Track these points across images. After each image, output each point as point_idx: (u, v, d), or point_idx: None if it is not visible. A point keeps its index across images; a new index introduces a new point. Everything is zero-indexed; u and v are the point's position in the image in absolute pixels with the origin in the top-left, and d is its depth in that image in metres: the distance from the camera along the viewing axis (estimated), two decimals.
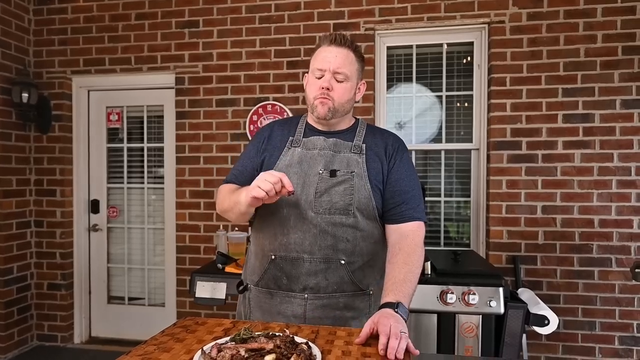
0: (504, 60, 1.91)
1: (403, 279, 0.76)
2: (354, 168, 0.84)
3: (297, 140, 0.88)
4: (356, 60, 0.86)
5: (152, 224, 2.35)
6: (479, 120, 2.02)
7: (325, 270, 0.82)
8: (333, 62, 0.83)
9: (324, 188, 0.83)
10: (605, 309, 1.83)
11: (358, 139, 0.88)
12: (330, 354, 0.62)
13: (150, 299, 2.35)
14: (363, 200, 0.82)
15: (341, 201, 0.82)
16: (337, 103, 0.84)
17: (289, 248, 0.82)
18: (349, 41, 0.85)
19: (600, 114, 1.86)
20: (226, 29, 2.14)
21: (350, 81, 0.85)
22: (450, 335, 1.44)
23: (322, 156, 0.85)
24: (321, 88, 0.83)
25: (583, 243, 1.86)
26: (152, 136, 2.34)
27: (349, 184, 0.83)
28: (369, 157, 0.86)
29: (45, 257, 2.30)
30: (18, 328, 2.21)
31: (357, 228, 0.82)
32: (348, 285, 0.83)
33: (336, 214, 0.81)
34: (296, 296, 0.83)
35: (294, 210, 0.82)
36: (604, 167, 1.85)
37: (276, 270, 0.84)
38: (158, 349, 0.63)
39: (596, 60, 1.85)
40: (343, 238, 0.81)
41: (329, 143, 0.86)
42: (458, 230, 2.11)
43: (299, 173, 0.85)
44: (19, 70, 2.21)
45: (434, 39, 2.05)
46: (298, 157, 0.86)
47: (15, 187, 2.22)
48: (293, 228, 0.82)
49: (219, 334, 0.70)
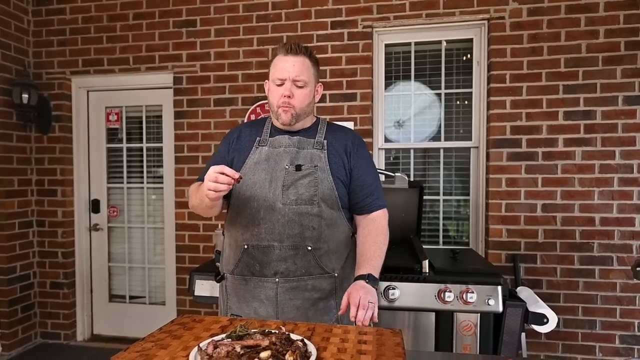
0: (504, 56, 1.89)
1: (372, 255, 0.90)
2: (317, 162, 0.93)
3: (264, 140, 0.97)
4: (312, 66, 0.94)
5: (152, 223, 2.36)
6: (478, 118, 2.01)
7: (294, 256, 0.90)
8: (292, 70, 0.90)
9: (290, 181, 0.91)
10: (606, 308, 1.82)
11: (320, 136, 0.97)
12: (325, 351, 0.62)
13: (151, 298, 2.37)
14: (326, 191, 0.92)
15: (306, 192, 0.90)
16: (298, 108, 0.93)
17: (260, 237, 0.90)
18: (303, 48, 0.93)
19: (602, 110, 1.83)
20: (223, 28, 2.14)
21: (309, 86, 0.93)
22: (448, 333, 1.43)
23: (288, 153, 0.94)
24: (283, 96, 0.91)
25: (584, 241, 1.84)
26: (151, 136, 2.35)
27: (313, 176, 0.91)
28: (330, 152, 0.95)
29: (47, 257, 2.33)
30: (22, 326, 2.25)
31: (321, 217, 0.91)
32: (315, 269, 0.91)
33: (302, 204, 0.90)
34: (268, 280, 0.91)
35: (263, 203, 0.90)
36: (605, 164, 1.83)
37: (249, 259, 0.92)
38: (155, 345, 0.64)
39: (598, 56, 1.82)
40: (309, 226, 0.90)
41: (294, 141, 0.95)
42: (457, 229, 2.10)
43: (267, 169, 0.93)
44: (19, 71, 2.22)
45: (432, 36, 2.03)
46: (265, 154, 0.94)
47: (17, 187, 2.24)
48: (263, 219, 0.90)
49: (215, 331, 0.71)
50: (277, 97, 0.92)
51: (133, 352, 0.62)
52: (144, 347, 0.63)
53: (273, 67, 0.94)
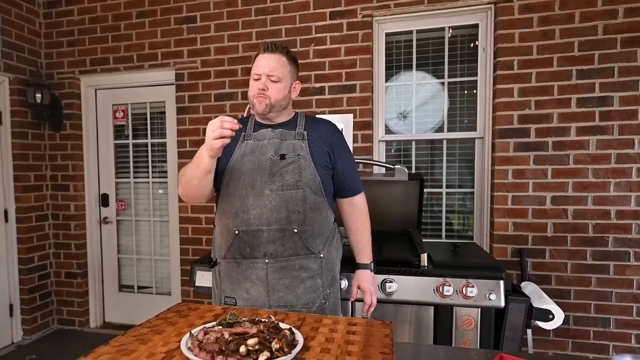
0: (512, 42, 1.79)
1: (367, 242, 1.10)
2: (299, 151, 1.00)
3: (248, 134, 1.04)
4: (288, 63, 1.01)
5: (158, 216, 2.43)
6: (483, 107, 1.92)
7: (282, 238, 0.97)
8: (267, 66, 0.98)
9: (276, 169, 0.98)
10: (621, 306, 1.72)
11: (300, 127, 1.04)
12: (313, 340, 0.63)
13: (158, 288, 2.45)
14: (309, 177, 0.99)
15: (291, 179, 0.98)
16: (273, 100, 0.99)
17: (250, 223, 0.97)
18: (280, 47, 1.01)
19: (620, 96, 1.71)
20: (223, 23, 2.15)
21: (284, 81, 1.00)
22: (447, 328, 1.40)
23: (272, 144, 1.01)
24: (258, 89, 0.99)
25: (597, 236, 1.74)
26: (156, 132, 2.40)
27: (296, 164, 0.99)
28: (311, 142, 1.02)
29: (62, 248, 2.46)
30: (41, 312, 2.39)
31: (305, 201, 0.98)
32: (302, 249, 0.99)
33: (287, 190, 0.97)
34: (259, 262, 0.97)
35: (251, 191, 0.97)
36: (623, 154, 1.71)
37: (240, 243, 0.98)
38: (151, 331, 0.68)
39: (616, 38, 1.70)
40: (294, 210, 0.97)
41: (276, 133, 1.02)
42: (463, 223, 2.03)
43: (253, 160, 0.99)
44: (32, 72, 2.33)
45: (435, 23, 1.96)
46: (251, 147, 1.01)
47: (33, 182, 2.37)
48: (252, 205, 0.97)
49: (209, 318, 0.74)
50: (254, 89, 1.00)
51: (130, 336, 0.65)
52: (141, 332, 0.67)
53: (253, 65, 1.02)
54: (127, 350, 0.60)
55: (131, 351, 0.60)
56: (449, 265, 1.42)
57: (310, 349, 0.60)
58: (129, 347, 0.61)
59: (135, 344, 0.62)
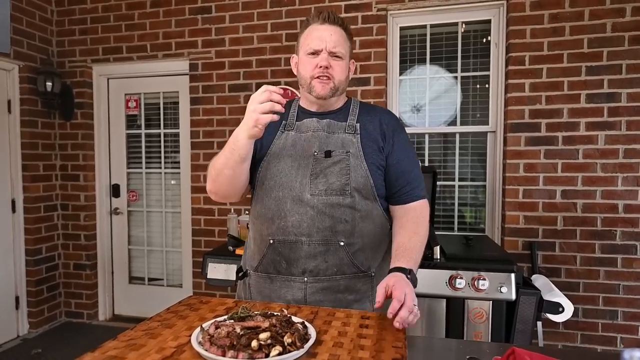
0: (523, 38, 1.83)
1: (413, 247, 0.77)
2: (349, 148, 0.83)
3: (290, 123, 0.87)
4: (347, 38, 0.85)
5: (170, 207, 2.43)
6: (495, 102, 1.96)
7: (325, 253, 0.81)
8: (329, 40, 0.80)
9: (319, 169, 0.81)
10: (629, 298, 1.76)
11: (352, 118, 0.87)
12: (326, 334, 0.62)
13: (169, 280, 2.45)
14: (360, 179, 0.81)
15: (337, 181, 0.80)
16: (337, 81, 0.83)
17: (287, 231, 0.81)
18: (340, 19, 0.84)
19: (628, 92, 1.76)
20: (238, 14, 2.15)
21: (345, 59, 0.84)
22: (459, 320, 1.42)
23: (316, 138, 0.84)
24: (319, 67, 0.80)
25: (606, 229, 1.79)
26: (169, 122, 2.40)
27: (344, 163, 0.81)
28: (364, 136, 0.85)
29: (71, 239, 2.43)
30: (48, 305, 2.36)
31: (354, 208, 0.81)
32: (348, 267, 0.82)
33: (333, 195, 0.80)
34: (296, 280, 0.82)
35: (289, 193, 0.81)
36: (630, 149, 1.76)
37: (275, 255, 0.83)
38: (161, 324, 0.66)
39: (624, 36, 1.75)
40: (341, 219, 0.80)
41: (322, 124, 0.85)
42: (475, 216, 2.07)
43: (294, 155, 0.83)
44: (43, 60, 2.31)
45: (449, 18, 1.99)
46: (292, 140, 0.85)
47: (42, 172, 2.34)
48: (290, 211, 0.81)
49: (220, 312, 0.71)
50: (311, 67, 0.82)
51: (139, 330, 0.64)
52: (150, 326, 0.65)
53: (305, 38, 0.83)
54: (136, 345, 0.58)
55: (140, 346, 0.57)
56: (462, 258, 1.43)
57: (322, 343, 0.58)
58: (138, 342, 0.59)
59: (145, 339, 0.60)
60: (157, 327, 0.65)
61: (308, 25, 0.84)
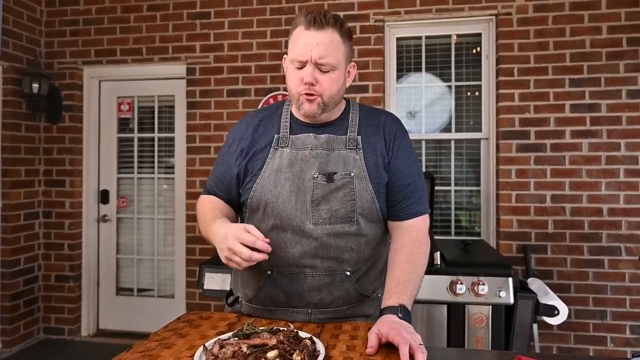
0: (512, 51, 1.94)
1: (407, 280, 0.69)
2: (353, 168, 0.73)
3: (283, 138, 0.75)
4: (342, 43, 0.71)
5: (163, 214, 2.34)
6: (487, 110, 2.05)
7: (330, 285, 0.74)
8: (315, 51, 0.68)
9: (321, 195, 0.72)
10: (616, 298, 1.84)
11: (352, 130, 0.76)
12: (334, 349, 0.60)
13: (160, 290, 2.34)
14: (366, 204, 0.73)
15: (342, 209, 0.72)
16: (326, 97, 0.71)
17: (288, 262, 0.73)
18: (331, 19, 0.70)
19: (607, 103, 1.89)
20: (237, 20, 2.17)
21: (338, 69, 0.71)
22: (460, 326, 1.42)
23: (316, 157, 0.73)
24: (304, 83, 0.70)
25: (592, 232, 1.88)
26: (163, 126, 2.34)
27: (348, 188, 0.72)
28: (367, 151, 0.75)
29: (53, 249, 2.29)
30: (24, 321, 2.18)
31: (361, 235, 0.74)
32: (354, 296, 0.76)
33: (338, 223, 0.72)
34: (299, 311, 0.75)
35: (289, 223, 0.72)
36: (611, 156, 1.88)
37: (272, 287, 0.75)
38: (160, 345, 0.62)
39: (602, 51, 1.89)
40: (347, 248, 0.73)
41: (321, 141, 0.74)
42: (470, 220, 2.12)
43: (291, 178, 0.73)
44: (30, 60, 2.21)
45: (442, 30, 2.09)
46: (288, 159, 0.74)
47: (24, 177, 2.21)
48: (291, 242, 0.73)
49: (222, 328, 0.68)
50: (296, 82, 0.71)
51: (136, 352, 0.59)
52: (148, 347, 0.61)
53: (292, 43, 0.72)
54: None
55: None
56: (461, 263, 1.44)
57: (332, 359, 0.57)
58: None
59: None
60: (156, 347, 0.61)
61: (296, 27, 0.72)
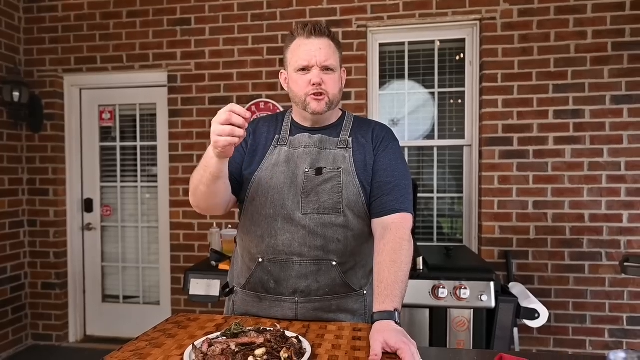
0: (496, 56, 1.92)
1: (394, 280, 0.71)
2: (341, 164, 0.80)
3: (283, 138, 0.84)
4: (337, 49, 0.82)
5: (147, 222, 2.35)
6: (471, 117, 2.04)
7: (316, 273, 0.79)
8: (319, 55, 0.77)
9: (311, 187, 0.79)
10: (596, 303, 1.86)
11: (344, 133, 0.84)
12: (320, 348, 0.62)
13: (145, 298, 2.35)
14: (352, 197, 0.79)
15: (329, 200, 0.78)
16: (331, 95, 0.80)
17: (277, 250, 0.79)
18: (326, 29, 0.80)
19: (591, 109, 1.87)
20: (218, 27, 2.14)
21: (337, 71, 0.81)
22: (442, 329, 1.45)
23: (308, 154, 0.81)
24: (312, 84, 0.78)
25: (574, 237, 1.88)
26: (145, 135, 2.33)
27: (336, 181, 0.79)
28: (356, 150, 0.82)
29: (39, 257, 2.30)
30: (12, 327, 2.21)
31: (347, 227, 0.79)
32: (340, 287, 0.80)
33: (325, 214, 0.78)
34: (286, 300, 0.80)
35: (280, 211, 0.79)
36: (594, 162, 1.87)
37: (263, 274, 0.81)
38: (150, 344, 0.64)
39: (586, 57, 1.87)
40: (334, 238, 0.79)
41: (314, 140, 0.83)
42: (451, 227, 2.13)
43: (286, 172, 0.81)
44: (10, 69, 2.19)
45: (426, 36, 2.06)
46: (285, 156, 0.82)
47: (8, 186, 2.21)
48: (281, 230, 0.79)
49: (210, 329, 0.70)
50: (304, 85, 0.79)
51: (127, 351, 0.61)
52: (138, 347, 0.63)
53: (293, 53, 0.80)
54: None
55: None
56: (443, 268, 1.48)
57: (318, 357, 0.59)
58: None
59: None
60: (146, 347, 0.63)
61: (294, 40, 0.80)
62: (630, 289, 1.84)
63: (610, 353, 0.52)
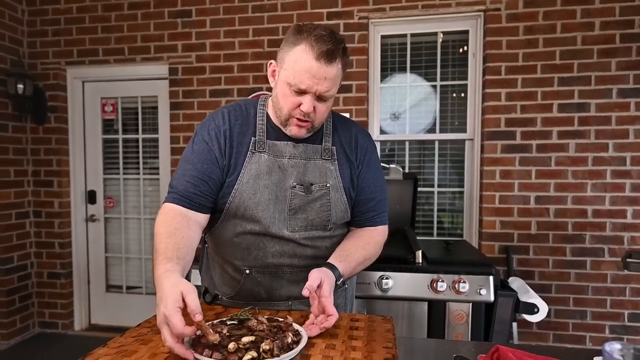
0: (500, 48, 1.88)
1: (357, 259, 0.76)
2: (329, 179, 0.78)
3: (260, 142, 0.76)
4: (342, 72, 0.73)
5: (149, 214, 2.37)
6: (473, 110, 2.01)
7: None
8: (322, 85, 0.69)
9: (299, 205, 0.76)
10: (597, 299, 1.84)
11: (327, 139, 0.79)
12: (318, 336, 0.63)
13: (148, 288, 2.39)
14: (340, 214, 0.79)
15: (318, 218, 0.77)
16: (317, 122, 0.75)
17: (266, 263, 0.77)
18: (340, 51, 0.69)
19: (596, 103, 1.83)
20: (219, 19, 2.13)
21: (332, 98, 0.74)
22: (440, 322, 1.45)
23: (294, 167, 0.76)
24: (302, 112, 0.71)
25: (576, 233, 1.86)
26: (147, 127, 2.34)
27: (325, 199, 0.77)
28: (341, 161, 0.80)
29: (44, 247, 2.34)
30: (20, 315, 2.27)
31: (333, 236, 0.82)
32: None
33: (313, 230, 0.78)
34: (280, 304, 0.81)
35: (267, 230, 0.75)
36: (598, 157, 1.84)
37: (253, 285, 0.79)
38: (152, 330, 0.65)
39: (593, 49, 1.82)
40: (322, 247, 0.80)
41: (299, 150, 0.77)
42: (452, 221, 2.12)
43: (270, 186, 0.75)
44: (14, 61, 2.21)
45: (428, 28, 2.02)
46: (266, 165, 0.75)
47: (14, 177, 2.25)
48: (269, 242, 0.77)
49: (210, 317, 0.71)
50: (292, 105, 0.71)
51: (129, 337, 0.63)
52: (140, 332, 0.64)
53: (293, 68, 0.69)
54: (127, 352, 0.57)
55: (132, 352, 0.57)
56: (443, 261, 1.47)
57: (315, 345, 0.60)
58: (129, 348, 0.58)
59: (136, 345, 0.60)
60: (148, 333, 0.64)
61: (299, 43, 0.68)
62: (632, 285, 1.82)
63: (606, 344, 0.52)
